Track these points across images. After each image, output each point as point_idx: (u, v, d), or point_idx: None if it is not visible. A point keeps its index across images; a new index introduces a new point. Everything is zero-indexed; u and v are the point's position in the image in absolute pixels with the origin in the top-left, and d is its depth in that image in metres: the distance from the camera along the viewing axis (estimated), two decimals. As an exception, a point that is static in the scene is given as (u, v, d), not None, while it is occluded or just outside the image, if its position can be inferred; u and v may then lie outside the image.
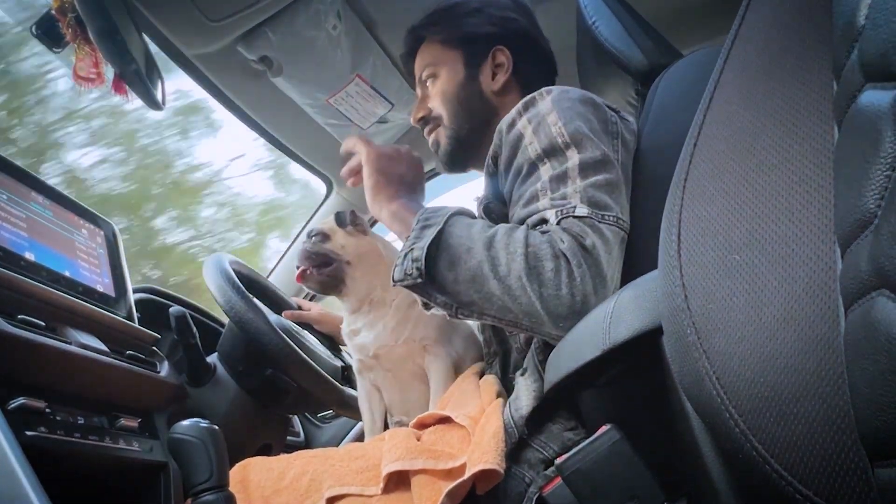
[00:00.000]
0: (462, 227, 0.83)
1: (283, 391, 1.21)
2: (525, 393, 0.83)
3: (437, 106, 1.14)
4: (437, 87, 1.13)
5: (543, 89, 0.92)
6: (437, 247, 0.81)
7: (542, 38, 1.16)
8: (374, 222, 1.80)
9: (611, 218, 0.79)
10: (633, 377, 0.59)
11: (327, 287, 1.17)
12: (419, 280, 0.81)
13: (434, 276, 0.81)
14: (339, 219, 1.20)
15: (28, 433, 0.66)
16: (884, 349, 0.26)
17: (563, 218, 0.78)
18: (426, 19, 1.15)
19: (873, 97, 0.29)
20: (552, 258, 0.75)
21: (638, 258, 0.83)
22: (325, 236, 1.19)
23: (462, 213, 0.87)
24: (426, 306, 0.87)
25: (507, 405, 0.84)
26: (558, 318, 0.73)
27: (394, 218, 0.95)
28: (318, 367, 1.19)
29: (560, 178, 0.82)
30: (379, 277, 1.13)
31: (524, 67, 1.12)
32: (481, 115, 1.11)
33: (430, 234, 0.81)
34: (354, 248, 1.18)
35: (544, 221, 0.80)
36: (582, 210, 0.78)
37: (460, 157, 1.14)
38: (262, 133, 1.59)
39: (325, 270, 1.15)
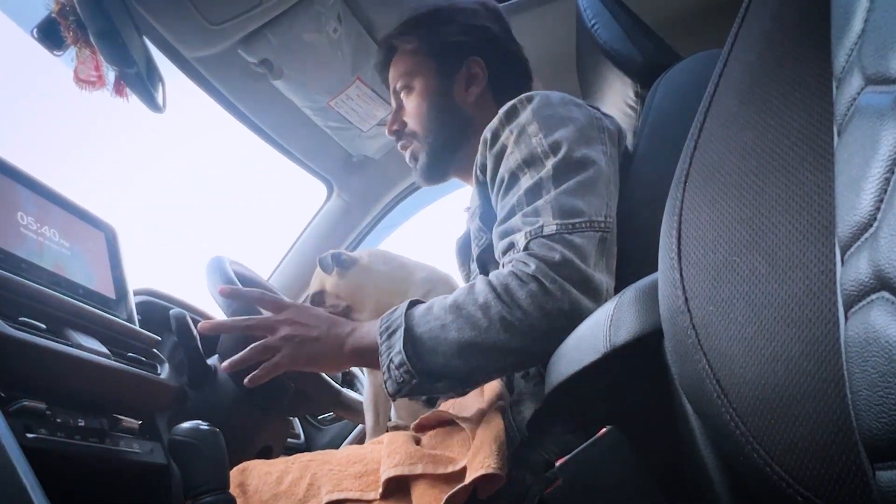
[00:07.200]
0: (423, 314, 0.82)
1: (281, 390, 1.21)
2: (526, 396, 0.83)
3: (413, 120, 1.12)
4: (412, 101, 1.12)
5: (524, 96, 0.92)
6: (412, 343, 0.80)
7: (514, 43, 1.15)
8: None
9: (582, 224, 0.79)
10: (633, 379, 0.59)
11: None
12: (414, 381, 0.79)
13: (424, 370, 0.79)
14: (323, 265, 1.21)
15: (29, 436, 0.66)
16: (884, 352, 0.26)
17: (531, 240, 0.78)
18: (398, 29, 1.13)
19: (873, 99, 0.29)
20: (521, 285, 0.75)
21: (638, 260, 0.83)
22: (319, 294, 1.20)
23: (413, 304, 0.85)
24: (430, 402, 0.86)
25: (509, 408, 0.84)
26: (559, 332, 0.72)
27: (357, 354, 0.88)
28: None
29: (534, 189, 0.83)
30: (381, 302, 1.13)
31: (499, 77, 1.11)
32: (457, 127, 1.10)
33: (399, 337, 0.80)
34: (347, 289, 1.19)
35: (513, 247, 0.81)
36: (550, 227, 0.78)
37: (439, 169, 1.13)
38: (263, 136, 1.59)
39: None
